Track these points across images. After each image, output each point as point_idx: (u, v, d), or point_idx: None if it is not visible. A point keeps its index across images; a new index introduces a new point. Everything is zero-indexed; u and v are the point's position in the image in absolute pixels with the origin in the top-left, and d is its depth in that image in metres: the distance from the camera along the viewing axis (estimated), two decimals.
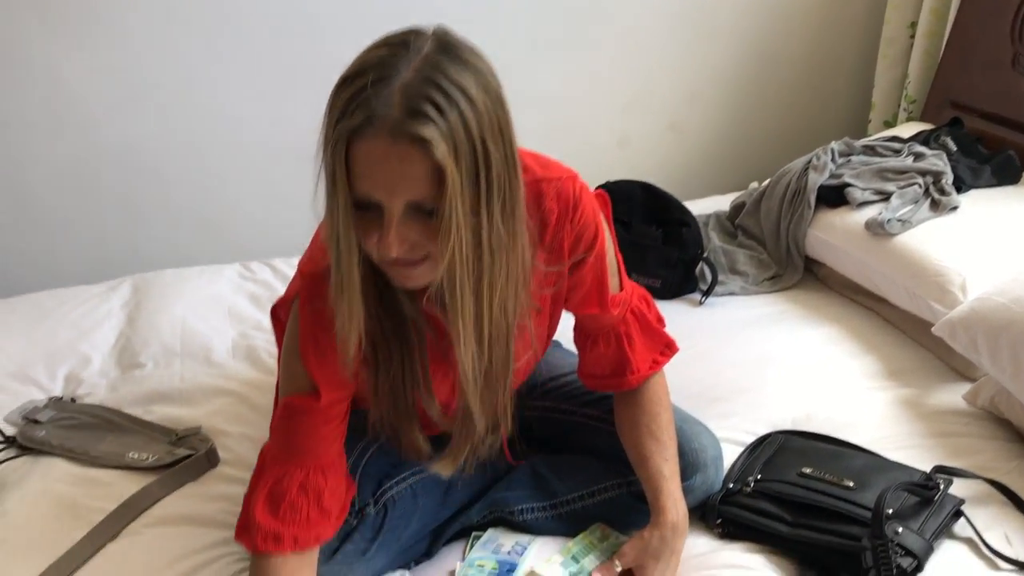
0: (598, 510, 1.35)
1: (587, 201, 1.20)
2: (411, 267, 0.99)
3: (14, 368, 1.72)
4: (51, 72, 2.13)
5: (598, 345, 1.33)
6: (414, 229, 0.94)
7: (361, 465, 1.31)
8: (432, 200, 0.92)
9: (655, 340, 1.36)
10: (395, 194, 0.91)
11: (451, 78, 0.90)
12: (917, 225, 1.85)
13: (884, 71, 2.75)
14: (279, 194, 2.41)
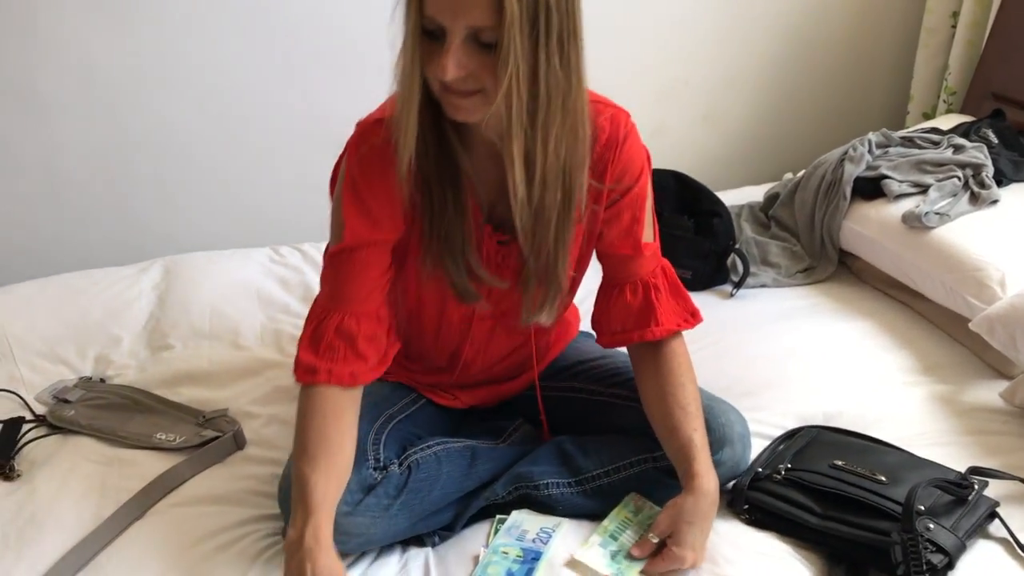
0: (624, 486, 1.34)
1: (636, 140, 1.26)
2: (464, 97, 1.05)
3: (45, 348, 1.73)
4: (86, 55, 2.15)
5: (624, 294, 1.33)
6: (473, 59, 1.02)
7: (387, 430, 1.33)
8: (491, 31, 1.00)
9: (681, 303, 1.37)
10: (457, 16, 0.99)
11: None
12: (955, 218, 1.81)
13: (924, 61, 2.70)
14: (310, 179, 2.39)
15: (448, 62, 1.01)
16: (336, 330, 1.21)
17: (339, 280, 1.22)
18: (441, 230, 1.19)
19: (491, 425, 1.46)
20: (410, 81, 1.05)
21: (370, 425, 1.31)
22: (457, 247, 1.20)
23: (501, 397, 1.49)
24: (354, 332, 1.21)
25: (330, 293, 1.24)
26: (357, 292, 1.22)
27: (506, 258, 1.26)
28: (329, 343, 1.21)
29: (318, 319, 1.23)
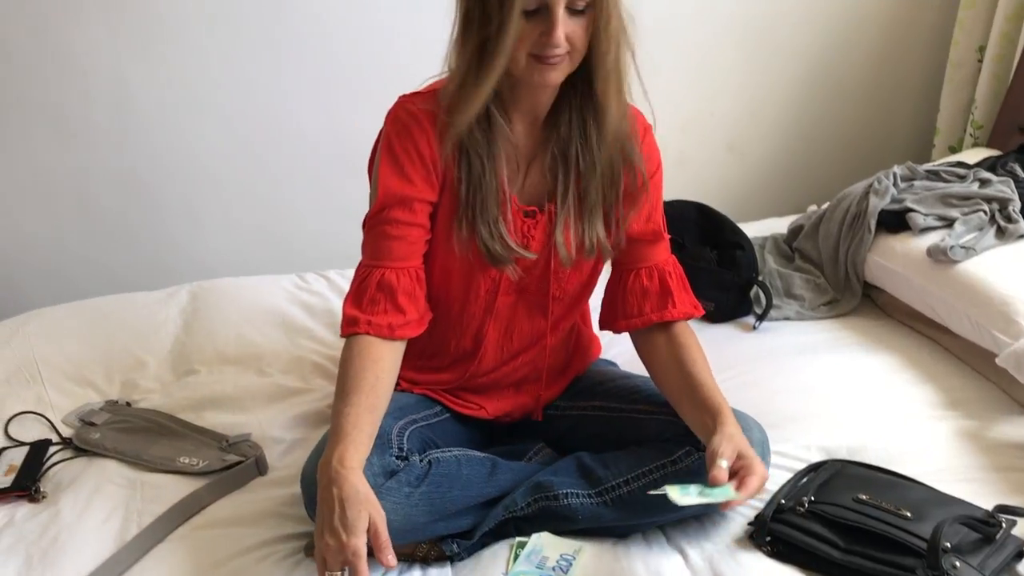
0: (644, 493, 1.33)
1: (654, 141, 1.43)
2: (556, 63, 1.20)
3: (73, 371, 1.76)
4: (118, 83, 2.19)
5: (640, 277, 1.43)
6: (568, 24, 1.18)
7: (410, 429, 1.35)
8: None
9: (690, 294, 1.46)
10: None
11: None
12: (982, 252, 1.80)
13: (950, 95, 2.69)
14: (337, 204, 2.43)
15: (558, 32, 1.17)
16: (378, 284, 1.29)
17: (379, 240, 1.30)
18: (478, 198, 1.29)
19: (513, 448, 1.48)
20: (504, 51, 1.18)
21: (395, 421, 1.34)
22: (492, 215, 1.30)
23: (524, 409, 1.51)
24: (394, 286, 1.29)
25: (371, 253, 1.32)
26: (396, 250, 1.30)
27: (532, 229, 1.35)
28: (371, 297, 1.29)
29: (361, 277, 1.31)
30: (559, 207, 1.34)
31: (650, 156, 1.39)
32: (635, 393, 1.46)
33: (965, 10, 2.59)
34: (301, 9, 2.23)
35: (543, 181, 1.35)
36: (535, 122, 1.34)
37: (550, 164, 1.34)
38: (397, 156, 1.29)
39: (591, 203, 1.34)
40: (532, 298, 1.42)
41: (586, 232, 1.35)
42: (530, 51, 1.20)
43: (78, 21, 2.11)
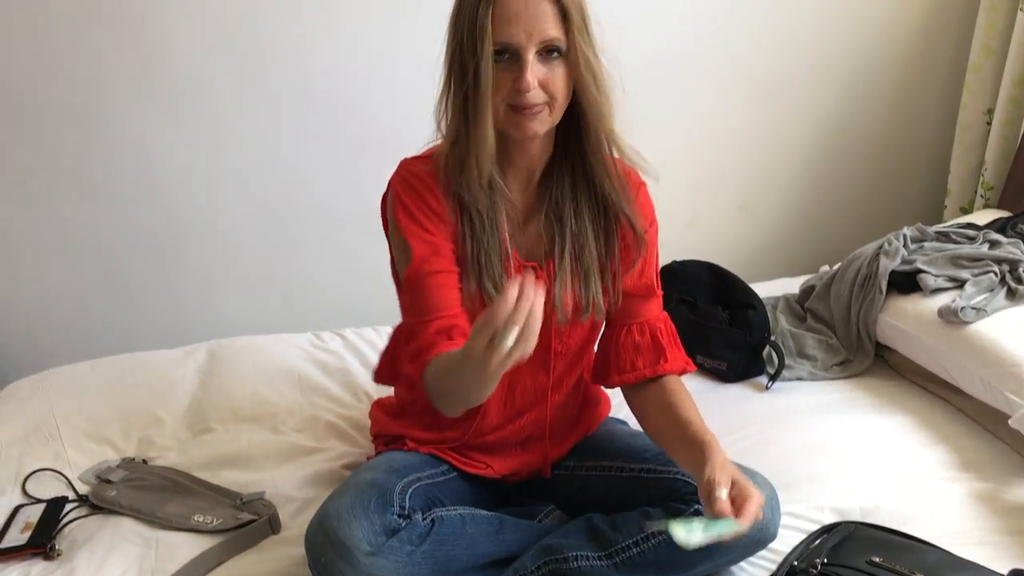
0: (654, 555, 1.33)
1: (648, 197, 1.43)
2: (534, 113, 1.22)
3: (92, 428, 1.78)
4: (142, 146, 2.25)
5: (632, 333, 1.44)
6: (541, 71, 1.20)
7: (411, 489, 1.34)
8: (559, 41, 1.19)
9: (681, 350, 1.47)
10: (532, 35, 1.18)
11: None
12: (992, 314, 1.81)
13: (960, 157, 2.72)
14: (354, 264, 2.47)
15: (528, 77, 1.19)
16: (436, 332, 1.26)
17: (424, 294, 1.29)
18: (483, 254, 1.31)
19: (523, 510, 1.48)
20: (485, 105, 1.20)
21: (399, 479, 1.33)
22: (496, 271, 1.32)
23: (531, 468, 1.51)
24: (451, 327, 1.27)
25: (418, 309, 1.29)
26: (441, 301, 1.29)
27: None
28: (431, 344, 1.25)
29: (413, 334, 1.28)
30: (557, 267, 1.36)
31: (644, 212, 1.41)
32: (644, 452, 1.46)
33: (972, 73, 2.63)
34: (320, 75, 2.29)
35: (540, 239, 1.38)
36: (530, 179, 1.37)
37: (545, 224, 1.36)
38: (414, 214, 1.31)
39: (586, 263, 1.37)
40: (534, 355, 1.40)
41: (583, 292, 1.37)
42: (507, 100, 1.22)
43: (105, 86, 2.16)
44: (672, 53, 2.49)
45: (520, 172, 1.35)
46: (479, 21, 1.18)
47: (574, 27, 1.20)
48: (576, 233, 1.36)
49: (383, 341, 2.10)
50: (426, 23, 2.24)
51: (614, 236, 1.38)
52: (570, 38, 1.20)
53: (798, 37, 2.60)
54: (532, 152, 1.33)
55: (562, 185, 1.35)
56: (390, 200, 1.35)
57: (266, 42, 2.23)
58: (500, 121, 1.24)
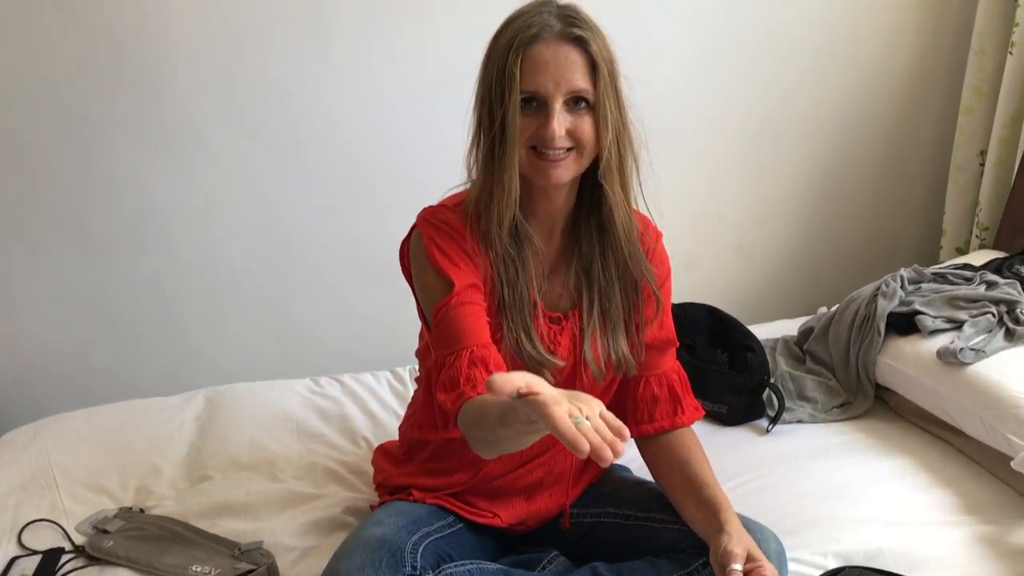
0: None
1: (664, 250, 1.46)
2: (559, 160, 1.24)
3: (89, 478, 1.77)
4: (137, 190, 2.26)
5: (651, 386, 1.45)
6: (568, 120, 1.22)
7: (424, 543, 1.33)
8: (587, 92, 1.22)
9: (693, 399, 1.49)
10: (560, 85, 1.21)
11: (585, 14, 1.26)
12: (991, 355, 1.81)
13: (954, 197, 2.74)
14: (353, 309, 2.48)
15: (555, 124, 1.21)
16: (469, 362, 1.24)
17: (455, 325, 1.27)
18: (515, 302, 1.33)
19: (527, 557, 1.46)
20: (512, 151, 1.23)
21: (408, 536, 1.32)
22: (528, 320, 1.33)
23: (538, 517, 1.50)
24: (486, 358, 1.24)
25: (450, 340, 1.26)
26: (473, 328, 1.27)
27: (558, 335, 1.36)
28: (467, 376, 1.22)
29: (444, 365, 1.25)
30: (585, 320, 1.36)
31: (662, 261, 1.45)
32: (650, 500, 1.45)
33: (964, 116, 2.66)
34: (320, 120, 2.31)
35: (566, 291, 1.38)
36: (554, 230, 1.38)
37: (574, 280, 1.37)
38: (446, 251, 1.31)
39: (613, 318, 1.37)
40: None
41: (611, 346, 1.37)
42: (531, 144, 1.24)
43: (102, 132, 2.18)
44: (669, 97, 2.52)
45: (542, 222, 1.36)
46: (508, 69, 1.21)
47: (602, 80, 1.22)
48: (604, 288, 1.37)
49: (381, 387, 2.10)
50: (425, 68, 2.30)
51: (638, 290, 1.39)
52: (597, 90, 1.23)
53: (793, 82, 2.63)
54: (556, 202, 1.34)
55: (590, 238, 1.36)
56: (419, 242, 1.34)
57: (264, 89, 2.25)
58: (525, 167, 1.26)
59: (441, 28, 2.27)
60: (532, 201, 1.33)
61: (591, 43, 1.22)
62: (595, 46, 1.22)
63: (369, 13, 2.26)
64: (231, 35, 2.19)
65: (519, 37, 1.21)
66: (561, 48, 1.21)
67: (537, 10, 1.24)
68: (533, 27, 1.21)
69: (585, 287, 1.37)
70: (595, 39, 1.23)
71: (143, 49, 2.15)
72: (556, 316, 1.37)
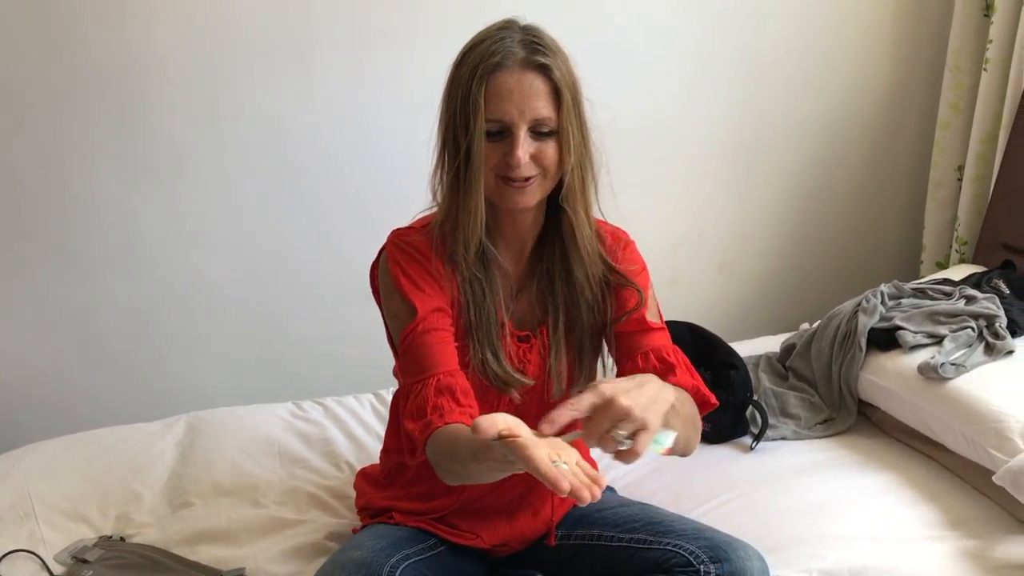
0: None
1: (637, 250, 1.45)
2: (524, 185, 1.25)
3: (68, 506, 1.74)
4: (121, 214, 2.25)
5: (636, 362, 1.36)
6: (532, 147, 1.23)
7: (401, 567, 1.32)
8: (550, 120, 1.23)
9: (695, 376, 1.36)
10: (524, 113, 1.22)
11: (549, 40, 1.26)
12: (972, 369, 1.82)
13: (934, 213, 2.77)
14: (335, 332, 2.47)
15: (520, 153, 1.22)
16: (436, 390, 1.24)
17: (421, 352, 1.28)
18: (483, 322, 1.33)
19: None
20: (478, 178, 1.24)
21: (387, 558, 1.31)
22: (495, 341, 1.34)
23: (521, 538, 1.49)
24: (453, 386, 1.25)
25: (417, 368, 1.28)
26: (440, 356, 1.28)
27: (527, 354, 1.37)
28: (434, 404, 1.23)
29: (414, 393, 1.26)
30: (551, 337, 1.37)
31: (633, 261, 1.43)
32: (633, 522, 1.44)
33: (941, 132, 2.69)
34: (303, 143, 2.31)
35: (533, 309, 1.39)
36: (523, 250, 1.39)
37: (538, 295, 1.38)
38: (411, 275, 1.32)
39: (579, 334, 1.38)
40: (532, 423, 1.40)
41: (577, 363, 1.38)
42: (496, 172, 1.25)
43: (85, 156, 2.17)
44: (651, 118, 2.54)
45: (511, 243, 1.37)
46: (472, 97, 1.21)
47: (565, 106, 1.23)
48: (569, 303, 1.37)
49: (364, 410, 2.09)
50: (407, 91, 2.30)
51: (608, 301, 1.39)
52: (561, 116, 1.23)
53: (772, 102, 2.65)
54: (523, 223, 1.35)
55: (552, 256, 1.37)
56: (385, 265, 1.36)
57: (246, 111, 2.25)
58: (491, 191, 1.27)
59: (423, 50, 2.28)
60: (499, 223, 1.35)
61: (554, 70, 1.23)
62: (558, 73, 1.23)
63: (351, 37, 2.27)
64: (215, 59, 2.19)
65: (482, 65, 1.22)
66: (525, 76, 1.22)
67: (499, 35, 1.24)
68: (496, 54, 1.22)
69: (550, 303, 1.38)
70: (558, 65, 1.24)
71: (126, 74, 2.15)
72: (525, 334, 1.38)
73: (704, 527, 1.39)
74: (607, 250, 1.40)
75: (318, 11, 2.23)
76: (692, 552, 1.31)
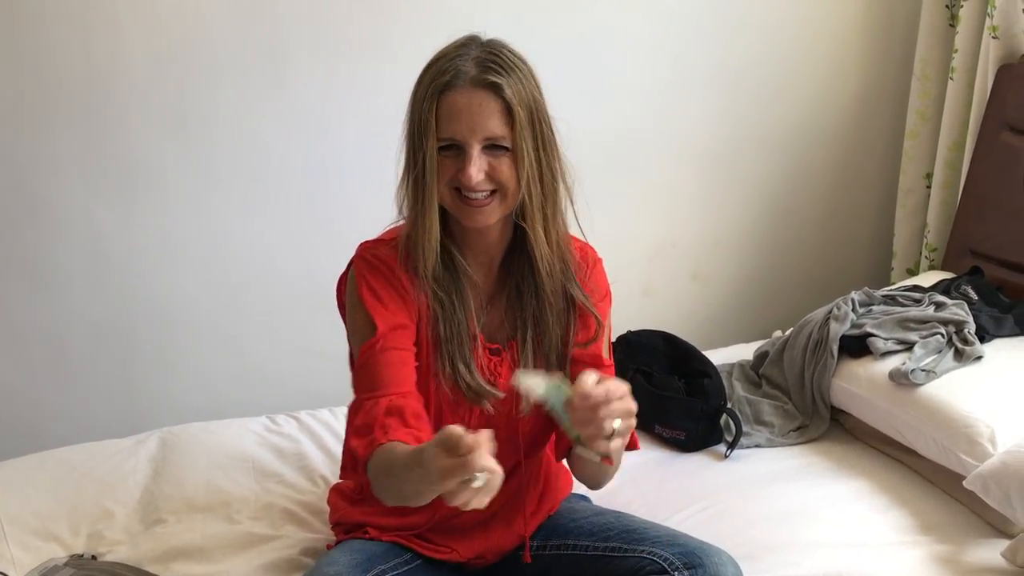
0: None
1: (603, 272, 1.46)
2: (482, 203, 1.25)
3: (38, 525, 1.72)
4: (91, 229, 2.23)
5: None
6: (487, 163, 1.24)
7: None
8: (503, 138, 1.23)
9: None
10: (475, 132, 1.22)
11: (508, 54, 1.26)
12: (942, 375, 1.84)
13: (904, 220, 2.79)
14: (311, 345, 2.45)
15: (471, 169, 1.22)
16: (386, 411, 1.24)
17: (376, 369, 1.28)
18: (454, 335, 1.33)
19: None
20: (431, 195, 1.25)
21: (363, 573, 1.32)
22: (467, 352, 1.34)
23: (496, 550, 1.49)
24: (402, 407, 1.25)
25: (370, 385, 1.28)
26: (395, 376, 1.28)
27: (498, 366, 1.37)
28: (382, 423, 1.23)
29: (364, 410, 1.26)
30: (520, 351, 1.38)
31: (598, 285, 1.44)
32: (608, 530, 1.45)
33: (910, 140, 2.72)
34: (274, 157, 2.30)
35: (503, 322, 1.39)
36: (491, 263, 1.39)
37: (507, 308, 1.39)
38: (377, 291, 1.32)
39: (547, 347, 1.38)
40: (503, 434, 1.42)
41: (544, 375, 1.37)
42: (451, 186, 1.26)
43: (52, 169, 2.15)
44: (622, 127, 2.55)
45: (479, 256, 1.38)
46: (423, 116, 1.23)
47: (518, 124, 1.23)
48: (537, 317, 1.38)
49: (339, 423, 2.08)
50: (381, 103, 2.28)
51: (572, 316, 1.39)
52: (514, 133, 1.23)
53: (743, 112, 2.67)
54: (489, 238, 1.35)
55: (521, 269, 1.38)
56: (352, 279, 1.36)
57: (217, 123, 2.24)
58: (451, 207, 1.29)
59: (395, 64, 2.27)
60: (466, 237, 1.35)
61: (505, 88, 1.22)
62: (510, 91, 1.23)
63: (322, 50, 2.26)
64: (183, 72, 2.18)
65: (434, 84, 1.23)
66: (475, 95, 1.22)
67: (457, 52, 1.25)
68: (447, 73, 1.23)
69: (518, 316, 1.39)
70: (511, 83, 1.23)
71: (93, 87, 2.13)
72: (496, 347, 1.39)
73: (678, 534, 1.40)
74: (575, 267, 1.40)
75: (289, 23, 2.22)
76: (666, 559, 1.33)
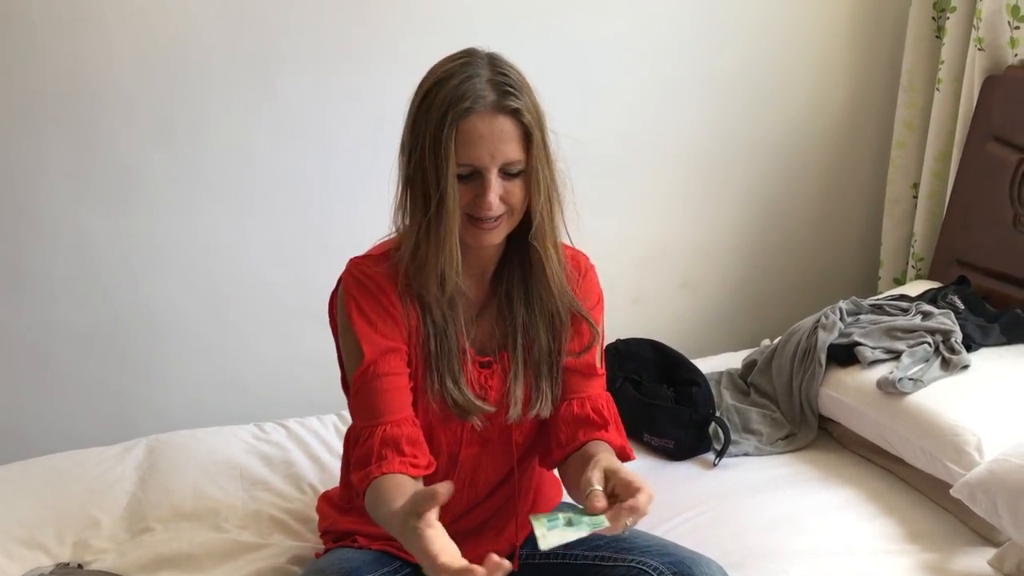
0: None
1: (595, 278, 1.46)
2: (494, 223, 1.25)
3: (24, 533, 1.71)
4: (78, 236, 2.21)
5: (572, 406, 1.39)
6: (501, 187, 1.24)
7: None
8: (519, 162, 1.23)
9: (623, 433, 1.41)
10: (495, 158, 1.21)
11: (515, 75, 1.25)
12: (929, 384, 1.85)
13: (891, 229, 2.81)
14: (298, 354, 2.45)
15: (491, 196, 1.22)
16: (382, 441, 1.26)
17: (372, 397, 1.29)
18: (444, 351, 1.32)
19: None
20: (452, 222, 1.23)
21: None
22: (456, 368, 1.33)
23: None
24: (398, 436, 1.26)
25: (366, 413, 1.29)
26: (390, 403, 1.29)
27: (488, 379, 1.36)
28: (378, 454, 1.25)
29: (359, 439, 1.28)
30: (511, 360, 1.37)
31: (590, 292, 1.44)
32: (597, 539, 1.44)
33: (897, 150, 2.74)
34: (263, 164, 2.29)
35: (493, 332, 1.39)
36: (483, 276, 1.39)
37: (498, 319, 1.38)
38: (367, 314, 1.31)
39: (537, 357, 1.38)
40: (496, 447, 1.42)
41: (534, 386, 1.37)
42: (465, 211, 1.25)
43: (39, 175, 2.13)
44: (612, 134, 2.55)
45: (473, 269, 1.37)
46: (443, 142, 1.20)
47: (535, 147, 1.24)
48: (527, 326, 1.37)
49: (327, 431, 2.08)
50: (370, 111, 2.30)
51: (565, 327, 1.39)
52: (531, 157, 1.24)
53: (732, 121, 2.68)
54: (488, 254, 1.35)
55: (512, 280, 1.37)
56: (342, 298, 1.35)
57: (206, 131, 2.23)
58: (459, 229, 1.26)
59: (386, 71, 2.28)
60: (464, 254, 1.33)
61: (524, 113, 1.22)
62: (528, 116, 1.23)
63: (313, 56, 2.26)
64: (172, 79, 2.17)
65: (452, 110, 1.20)
66: (496, 120, 1.21)
67: (466, 72, 1.22)
68: (466, 98, 1.20)
69: (509, 326, 1.38)
70: (526, 105, 1.23)
71: (81, 93, 2.12)
72: (486, 360, 1.38)
73: (668, 543, 1.40)
74: (567, 276, 1.40)
75: (279, 30, 2.22)
76: (656, 568, 1.32)
